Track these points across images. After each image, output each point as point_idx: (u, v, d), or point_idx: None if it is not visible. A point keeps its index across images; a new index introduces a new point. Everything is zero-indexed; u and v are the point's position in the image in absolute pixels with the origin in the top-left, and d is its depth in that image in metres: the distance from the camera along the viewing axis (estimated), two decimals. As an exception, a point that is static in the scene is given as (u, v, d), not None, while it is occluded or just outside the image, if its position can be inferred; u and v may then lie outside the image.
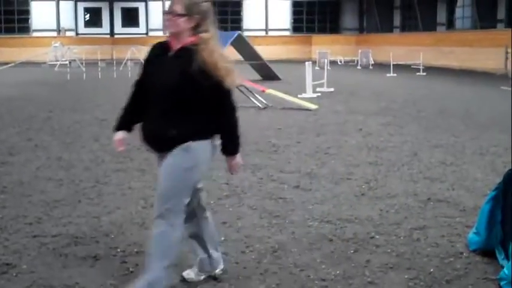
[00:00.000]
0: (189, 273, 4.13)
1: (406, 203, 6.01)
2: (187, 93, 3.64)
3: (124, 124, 3.98)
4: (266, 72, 23.79)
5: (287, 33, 45.47)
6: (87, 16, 44.41)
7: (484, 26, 30.82)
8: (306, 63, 17.43)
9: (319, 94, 17.22)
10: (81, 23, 43.96)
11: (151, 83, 3.81)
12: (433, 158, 8.20)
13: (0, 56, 36.63)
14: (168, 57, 3.73)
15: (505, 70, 25.26)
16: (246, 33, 33.17)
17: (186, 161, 3.69)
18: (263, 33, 44.58)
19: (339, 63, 35.80)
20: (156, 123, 3.73)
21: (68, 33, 42.90)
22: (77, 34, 43.41)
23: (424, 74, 26.46)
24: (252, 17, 44.74)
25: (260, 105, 14.07)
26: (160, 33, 43.15)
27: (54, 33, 42.20)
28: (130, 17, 44.13)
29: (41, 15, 42.55)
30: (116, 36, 42.99)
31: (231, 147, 3.82)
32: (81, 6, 43.77)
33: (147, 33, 43.74)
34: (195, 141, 3.69)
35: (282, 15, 45.27)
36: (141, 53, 32.03)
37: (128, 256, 4.54)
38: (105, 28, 43.70)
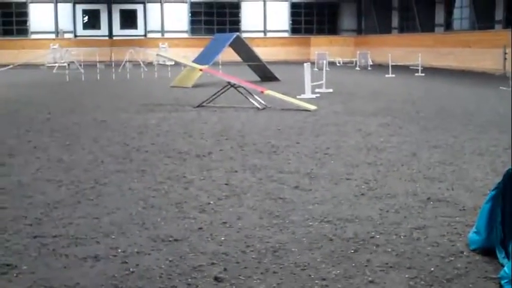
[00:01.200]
0: None
1: (406, 202, 6.02)
2: None
3: None
4: (265, 74, 23.81)
5: (285, 34, 45.53)
6: (86, 18, 44.42)
7: (482, 26, 30.88)
8: (305, 64, 17.43)
9: (318, 95, 17.23)
10: (79, 25, 43.96)
11: None
12: (433, 158, 8.21)
13: (-1, 58, 36.61)
14: None
15: (503, 70, 25.28)
16: (244, 35, 33.18)
17: None
18: (262, 34, 44.64)
19: (338, 64, 35.83)
20: None
21: (67, 35, 42.91)
22: (76, 36, 43.42)
23: (423, 74, 26.48)
24: (250, 19, 44.80)
25: (259, 106, 14.08)
26: (159, 35, 43.25)
27: (53, 36, 42.22)
28: (129, 19, 44.15)
29: (39, 18, 42.57)
30: (114, 38, 43.00)
31: None
32: (79, 8, 43.79)
33: (145, 35, 43.77)
34: None
35: (280, 17, 45.33)
36: (140, 54, 32.15)
37: (129, 256, 4.54)
38: (104, 30, 43.70)
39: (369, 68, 31.96)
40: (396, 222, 5.36)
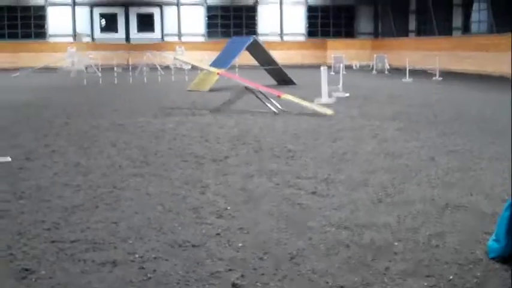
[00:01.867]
0: None
1: (424, 209, 5.98)
2: None
3: None
4: (281, 77, 23.81)
5: (302, 38, 45.50)
6: (103, 22, 44.68)
7: (500, 30, 30.64)
8: (321, 68, 17.38)
9: (334, 99, 17.18)
10: (97, 28, 44.25)
11: None
12: (450, 164, 8.15)
13: (17, 62, 36.97)
14: None
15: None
16: (261, 38, 33.18)
17: None
18: (278, 38, 44.65)
19: (354, 68, 35.75)
20: None
21: (84, 39, 43.19)
22: (93, 40, 43.69)
23: (440, 78, 26.32)
24: (266, 22, 44.83)
25: (275, 111, 14.06)
26: (176, 39, 43.39)
27: (71, 39, 42.53)
28: (146, 23, 44.35)
29: (57, 21, 42.89)
30: (131, 41, 43.21)
31: None
32: (96, 11, 44.07)
33: (162, 39, 43.94)
34: None
35: (296, 20, 45.31)
36: (157, 58, 32.28)
37: (146, 261, 4.55)
38: (121, 33, 43.94)
39: (386, 72, 31.83)
40: (414, 229, 5.32)
